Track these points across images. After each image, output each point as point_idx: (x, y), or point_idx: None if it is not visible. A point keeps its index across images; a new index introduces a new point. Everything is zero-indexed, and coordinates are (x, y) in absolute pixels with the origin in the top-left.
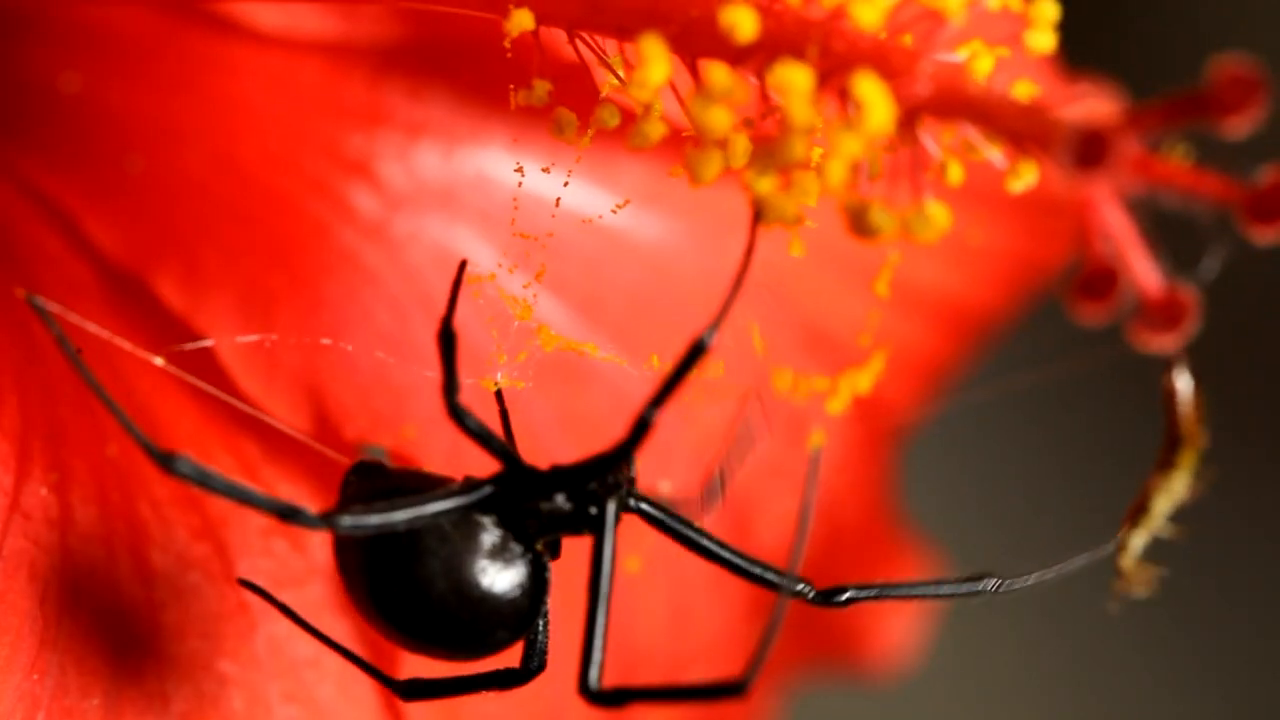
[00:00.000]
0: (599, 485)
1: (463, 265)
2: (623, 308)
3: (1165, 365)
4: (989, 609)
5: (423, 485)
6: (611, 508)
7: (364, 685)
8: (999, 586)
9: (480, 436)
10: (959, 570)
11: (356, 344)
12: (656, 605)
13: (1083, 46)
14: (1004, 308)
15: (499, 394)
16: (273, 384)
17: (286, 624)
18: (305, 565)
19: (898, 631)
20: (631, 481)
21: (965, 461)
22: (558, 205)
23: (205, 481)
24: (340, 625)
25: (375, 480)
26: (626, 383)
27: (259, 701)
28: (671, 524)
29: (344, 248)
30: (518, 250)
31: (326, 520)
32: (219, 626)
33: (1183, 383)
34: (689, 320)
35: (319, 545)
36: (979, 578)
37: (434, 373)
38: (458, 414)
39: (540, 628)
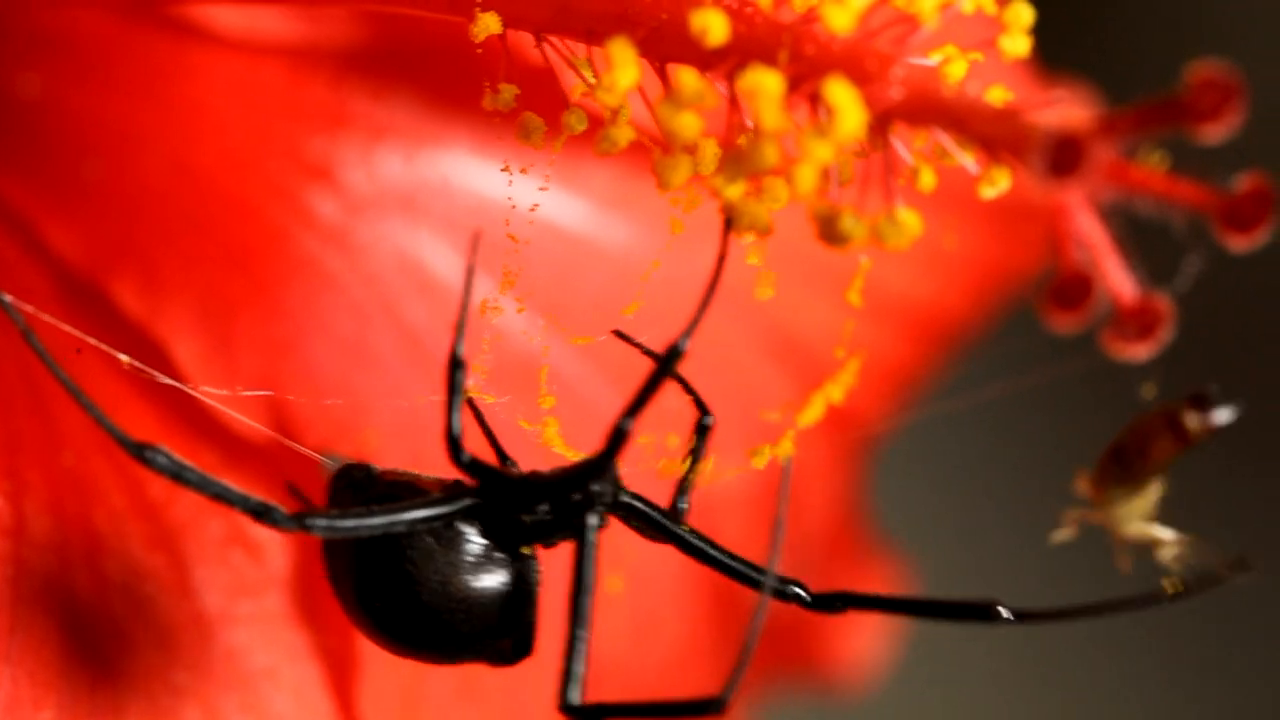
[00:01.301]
0: (581, 496)
1: (469, 281)
2: (589, 313)
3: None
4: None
5: (408, 490)
6: (592, 521)
7: (321, 695)
8: (1001, 617)
9: (471, 468)
10: (931, 582)
11: (317, 350)
12: (619, 616)
13: (1060, 51)
14: (977, 315)
15: (472, 403)
16: (232, 391)
17: (243, 635)
18: (263, 575)
19: (864, 641)
20: (617, 487)
21: (935, 471)
22: (533, 210)
23: (180, 475)
24: (300, 637)
25: (362, 484)
26: (591, 390)
27: (214, 713)
28: (662, 523)
29: (305, 253)
30: (482, 255)
31: (299, 521)
32: (174, 637)
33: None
34: (657, 327)
35: (276, 555)
36: (984, 605)
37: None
38: (456, 454)
39: (533, 615)
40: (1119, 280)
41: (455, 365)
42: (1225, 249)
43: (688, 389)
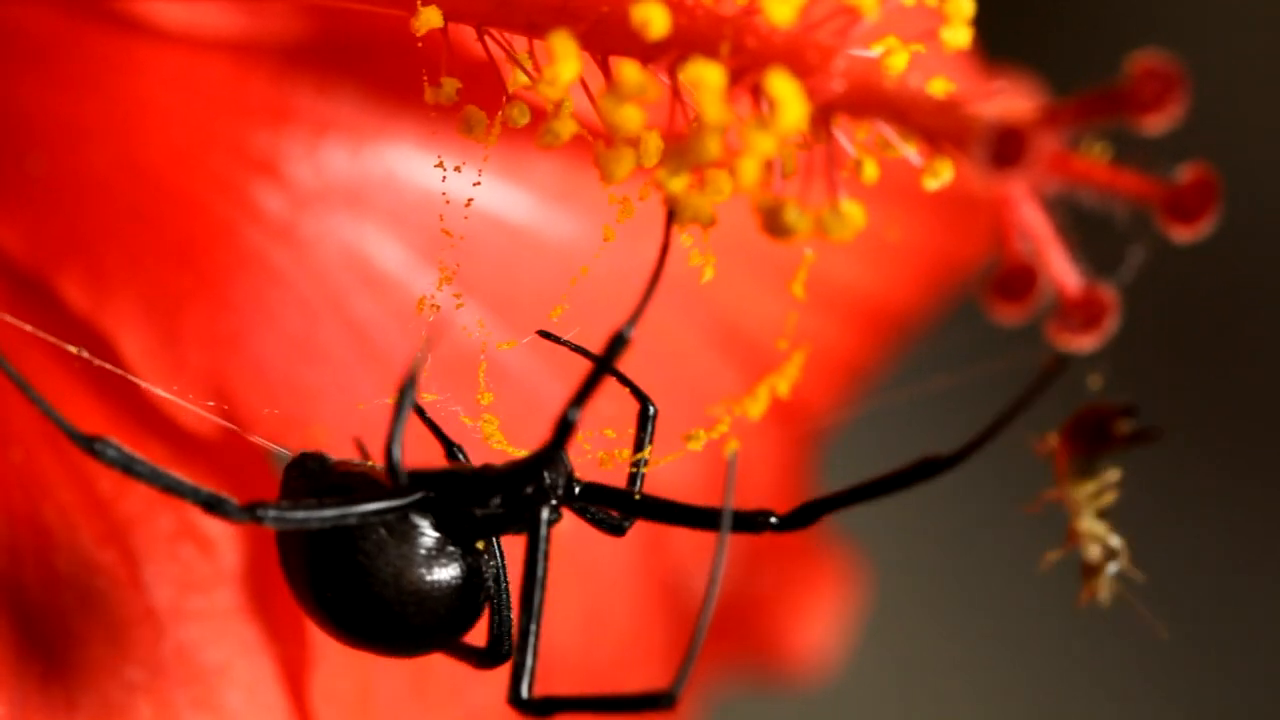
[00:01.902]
0: (534, 489)
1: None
2: (534, 306)
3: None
4: (912, 608)
5: (362, 482)
6: (544, 515)
7: (274, 691)
8: (941, 465)
9: (414, 485)
10: (879, 573)
11: (264, 345)
12: (570, 609)
13: (1003, 42)
14: (923, 306)
15: (416, 406)
16: (179, 385)
17: (195, 631)
18: (213, 570)
19: (818, 632)
20: (570, 478)
21: (883, 463)
22: (469, 205)
23: (130, 467)
24: (252, 632)
25: (315, 474)
26: (537, 380)
27: (167, 708)
28: (621, 497)
29: (251, 248)
30: (427, 249)
31: (250, 513)
32: (126, 633)
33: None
34: (602, 319)
35: (228, 550)
36: (925, 461)
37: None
38: (393, 469)
39: (505, 615)
40: (1063, 271)
41: (404, 393)
42: (1169, 239)
43: (625, 381)
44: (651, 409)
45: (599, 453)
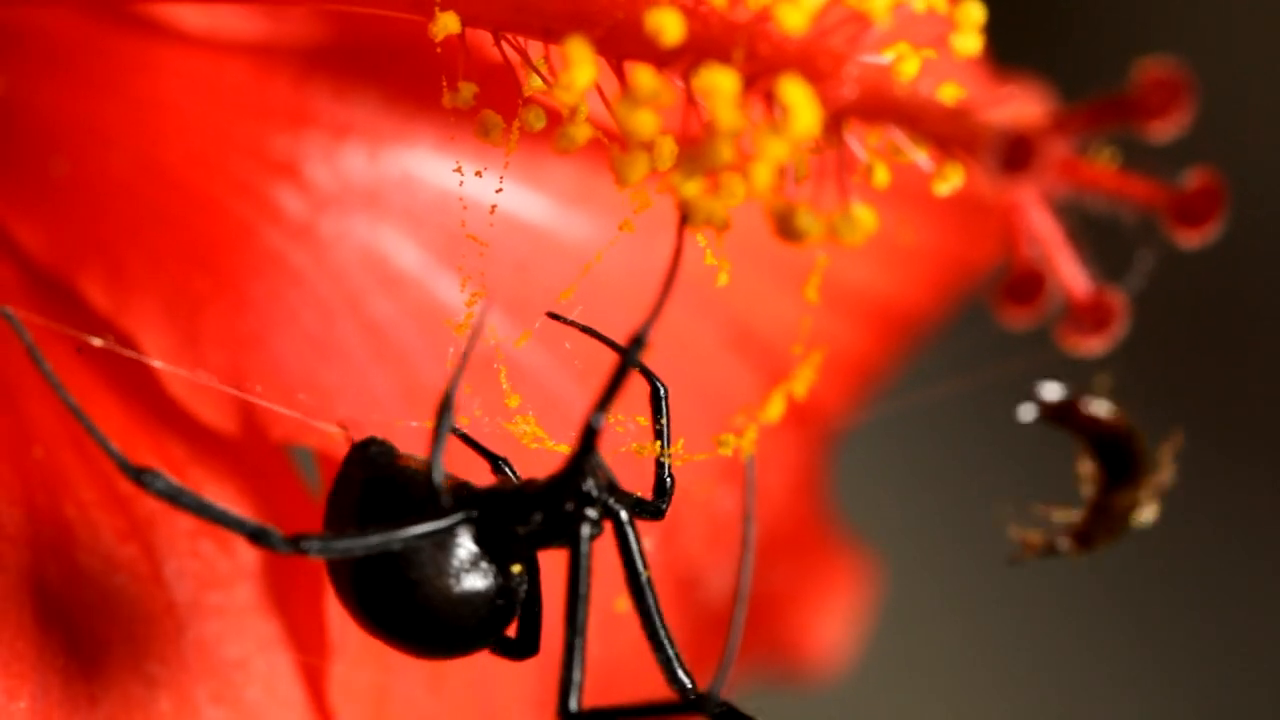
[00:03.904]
0: (574, 503)
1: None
2: (551, 308)
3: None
4: (927, 606)
5: (417, 483)
6: (585, 531)
7: (292, 685)
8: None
9: (460, 505)
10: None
11: (283, 344)
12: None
13: (1014, 49)
14: (934, 307)
15: (455, 429)
16: (198, 384)
17: (214, 626)
18: (233, 567)
19: (833, 630)
20: (611, 486)
21: (892, 464)
22: (493, 212)
23: (177, 498)
24: (270, 628)
25: (374, 462)
26: (554, 382)
27: (187, 703)
28: (630, 556)
29: (270, 249)
30: (445, 251)
31: (294, 545)
32: (146, 628)
33: (1100, 408)
34: (619, 320)
35: (246, 547)
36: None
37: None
38: (436, 493)
39: (536, 611)
40: (1071, 275)
41: (443, 414)
42: (1176, 244)
43: (640, 366)
44: (662, 389)
45: (632, 444)
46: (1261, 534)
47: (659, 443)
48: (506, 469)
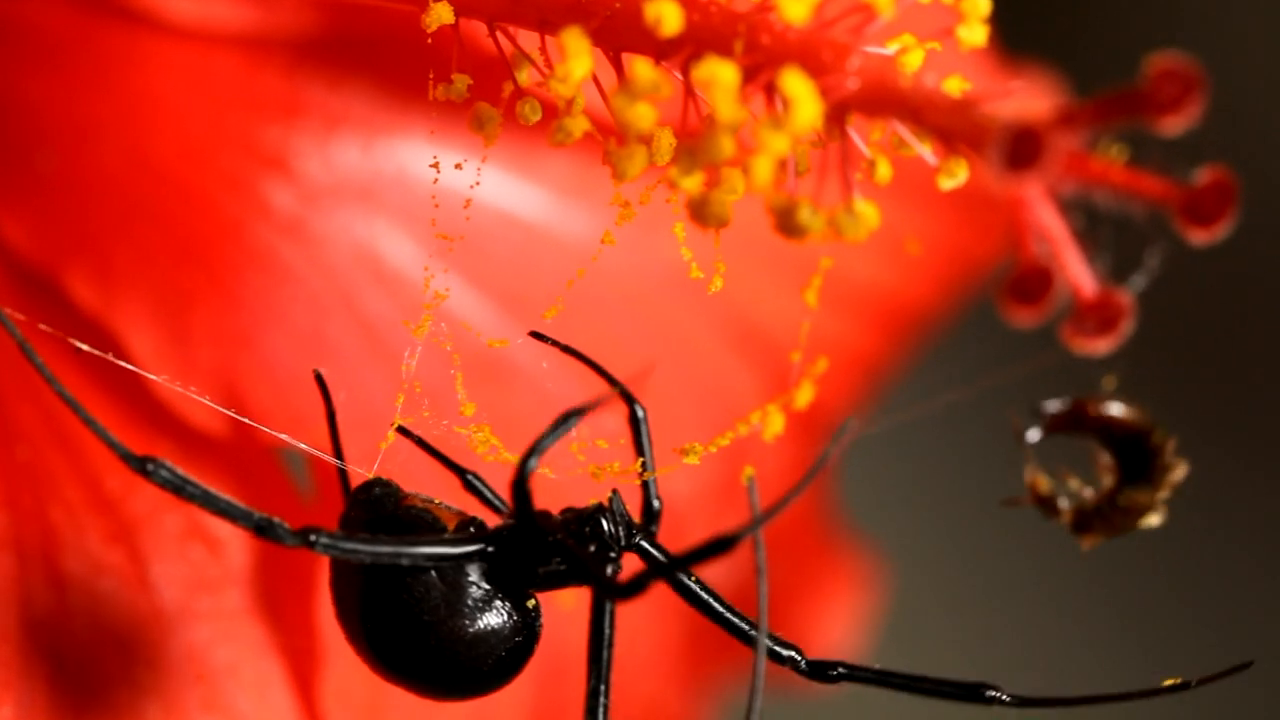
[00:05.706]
0: (596, 547)
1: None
2: (546, 304)
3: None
4: (931, 607)
5: (425, 523)
6: (608, 572)
7: (283, 693)
8: (999, 699)
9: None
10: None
11: (274, 342)
12: (583, 610)
13: (1026, 40)
14: (939, 304)
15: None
16: (188, 383)
17: (204, 631)
18: (222, 571)
19: (837, 631)
20: (630, 526)
21: (896, 466)
22: (467, 205)
23: (182, 488)
24: (261, 633)
25: (380, 501)
26: (549, 381)
27: (175, 710)
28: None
29: (261, 244)
30: (439, 246)
31: (303, 538)
32: (134, 634)
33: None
34: (615, 315)
35: (236, 550)
36: (981, 686)
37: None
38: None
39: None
40: (1079, 274)
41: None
42: (1186, 242)
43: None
44: (640, 412)
45: (590, 466)
46: (1265, 535)
47: (641, 461)
48: (478, 484)
